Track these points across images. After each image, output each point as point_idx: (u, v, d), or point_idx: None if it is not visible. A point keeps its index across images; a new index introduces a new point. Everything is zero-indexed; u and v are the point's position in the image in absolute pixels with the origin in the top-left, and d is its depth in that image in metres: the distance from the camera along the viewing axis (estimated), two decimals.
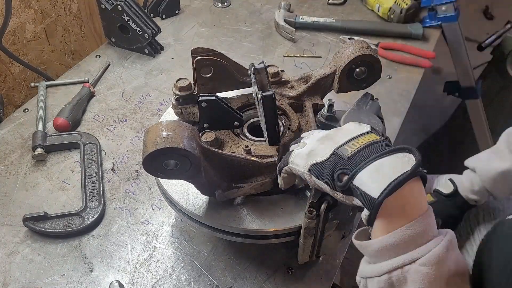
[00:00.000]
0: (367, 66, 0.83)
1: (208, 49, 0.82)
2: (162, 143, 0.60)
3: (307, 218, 0.67)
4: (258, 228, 0.74)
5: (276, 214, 0.75)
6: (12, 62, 1.26)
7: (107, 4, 1.27)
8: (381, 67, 0.84)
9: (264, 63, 0.71)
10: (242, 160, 0.72)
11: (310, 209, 0.67)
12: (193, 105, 0.85)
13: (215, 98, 0.75)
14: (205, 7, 1.59)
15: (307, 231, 0.70)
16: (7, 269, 0.84)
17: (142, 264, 0.85)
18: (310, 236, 0.71)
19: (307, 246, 0.74)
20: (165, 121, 0.64)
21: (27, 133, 1.09)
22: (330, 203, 0.67)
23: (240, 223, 0.74)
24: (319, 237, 0.72)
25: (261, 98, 0.69)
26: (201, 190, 0.73)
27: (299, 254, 0.76)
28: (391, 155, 0.55)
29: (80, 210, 0.91)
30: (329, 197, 0.67)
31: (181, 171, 0.65)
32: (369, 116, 0.80)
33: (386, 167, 0.54)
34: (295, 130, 0.80)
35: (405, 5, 1.45)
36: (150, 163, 0.62)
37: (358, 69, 0.83)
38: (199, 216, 0.75)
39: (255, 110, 0.86)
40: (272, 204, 0.77)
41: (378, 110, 0.83)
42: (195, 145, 0.63)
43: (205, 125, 0.78)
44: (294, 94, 0.87)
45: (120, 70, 1.31)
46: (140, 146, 1.08)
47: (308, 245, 0.73)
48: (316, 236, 0.72)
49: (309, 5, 1.61)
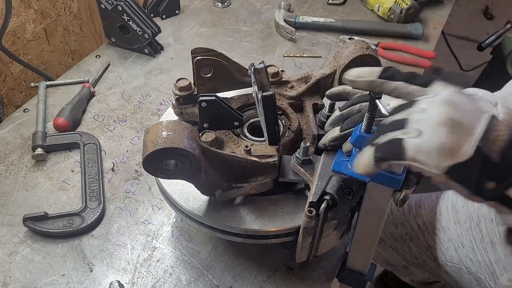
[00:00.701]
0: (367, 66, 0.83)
1: (208, 49, 0.82)
2: (162, 143, 0.60)
3: (306, 217, 0.67)
4: (258, 228, 0.74)
5: (276, 214, 0.75)
6: (12, 62, 1.26)
7: (107, 4, 1.27)
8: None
9: (264, 63, 0.71)
10: (242, 160, 0.72)
11: (309, 208, 0.67)
12: (193, 105, 0.85)
13: (215, 98, 0.75)
14: (205, 7, 1.60)
15: (306, 230, 0.70)
16: (7, 269, 0.84)
17: (142, 264, 0.85)
18: (309, 235, 0.71)
19: (306, 246, 0.74)
20: (165, 121, 0.64)
21: (27, 133, 1.10)
22: (330, 203, 0.67)
23: (240, 223, 0.74)
24: (317, 237, 0.72)
25: (261, 98, 0.69)
26: (201, 190, 0.73)
27: (297, 253, 0.77)
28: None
29: (80, 210, 0.91)
30: (328, 197, 0.67)
31: (181, 171, 0.65)
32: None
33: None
34: (295, 130, 0.80)
35: (405, 5, 1.45)
36: (150, 163, 0.62)
37: None
38: (199, 216, 0.75)
39: (255, 110, 0.86)
40: (272, 204, 0.77)
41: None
42: (195, 145, 0.63)
43: (205, 125, 0.78)
44: (294, 94, 0.87)
45: (120, 70, 1.31)
46: (140, 146, 1.08)
47: (307, 244, 0.73)
48: (314, 235, 0.72)
49: (309, 5, 1.61)
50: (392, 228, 1.18)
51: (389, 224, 1.18)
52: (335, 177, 0.69)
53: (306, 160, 0.73)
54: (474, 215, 1.04)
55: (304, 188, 0.78)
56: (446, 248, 1.07)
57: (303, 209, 0.69)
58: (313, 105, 0.86)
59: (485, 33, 2.27)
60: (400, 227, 1.17)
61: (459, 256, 1.05)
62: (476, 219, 1.03)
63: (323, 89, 0.88)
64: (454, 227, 1.07)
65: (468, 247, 1.03)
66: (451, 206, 1.09)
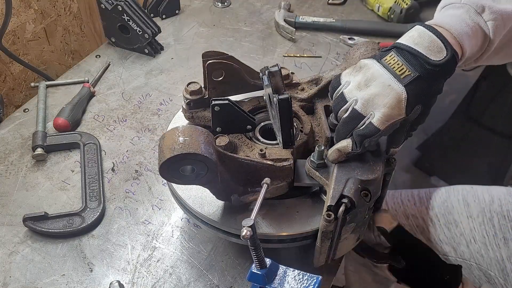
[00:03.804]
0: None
1: (219, 52, 0.81)
2: (179, 149, 0.60)
3: (325, 221, 0.66)
4: (274, 233, 0.73)
5: (292, 218, 0.75)
6: (12, 62, 1.26)
7: (107, 4, 1.27)
8: None
9: (278, 66, 0.70)
10: (258, 164, 0.72)
11: (328, 212, 0.66)
12: (204, 109, 0.84)
13: (228, 102, 0.75)
14: (205, 7, 1.60)
15: (324, 234, 0.69)
16: (7, 269, 0.84)
17: (142, 264, 0.85)
18: (327, 239, 0.70)
19: (324, 250, 0.73)
20: (181, 126, 0.63)
21: (27, 133, 1.09)
22: (348, 206, 0.67)
23: (257, 228, 0.73)
24: (335, 240, 0.72)
25: (277, 101, 0.68)
26: (217, 195, 0.73)
27: (315, 258, 0.76)
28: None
29: (80, 210, 0.91)
30: (346, 200, 0.67)
31: (198, 176, 0.64)
32: None
33: None
34: (307, 133, 0.79)
35: (405, 5, 1.45)
36: (167, 169, 0.62)
37: None
38: (215, 221, 0.75)
39: (266, 113, 0.85)
40: (288, 208, 0.76)
41: None
42: (211, 150, 0.63)
43: (218, 129, 0.78)
44: (305, 96, 0.86)
45: (120, 70, 1.31)
46: (140, 146, 1.08)
47: (325, 248, 0.73)
48: (333, 239, 0.71)
49: (309, 5, 1.61)
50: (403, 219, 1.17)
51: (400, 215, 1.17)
52: (352, 179, 0.69)
53: (321, 164, 0.73)
54: (487, 210, 1.04)
55: (319, 191, 0.77)
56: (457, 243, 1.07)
57: (319, 213, 0.68)
58: (324, 107, 0.85)
59: None
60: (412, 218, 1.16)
61: (470, 252, 1.05)
62: (489, 214, 1.03)
63: None
64: (467, 221, 1.06)
65: (480, 242, 1.03)
66: (463, 200, 1.09)
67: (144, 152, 1.07)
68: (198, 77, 0.89)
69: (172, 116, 0.96)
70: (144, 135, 1.11)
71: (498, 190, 1.08)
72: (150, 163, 1.04)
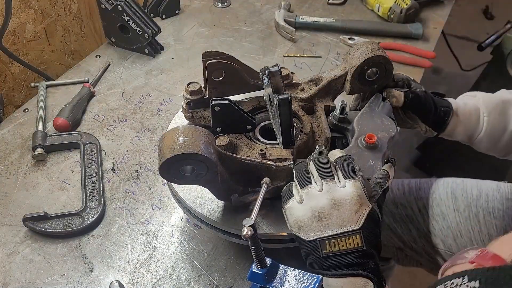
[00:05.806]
0: (379, 67, 0.83)
1: (219, 52, 0.81)
2: (179, 149, 0.60)
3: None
4: (274, 233, 0.73)
5: None
6: (12, 62, 1.26)
7: (107, 4, 1.27)
8: (393, 68, 0.83)
9: (278, 66, 0.70)
10: (258, 164, 0.72)
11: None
12: (204, 109, 0.84)
13: (228, 102, 0.75)
14: (205, 7, 1.60)
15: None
16: (7, 269, 0.84)
17: (142, 264, 0.85)
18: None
19: None
20: (181, 126, 0.63)
21: (27, 133, 1.09)
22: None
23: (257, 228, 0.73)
24: None
25: (277, 101, 0.68)
26: (217, 195, 0.73)
27: None
28: (353, 278, 0.62)
29: (80, 210, 0.91)
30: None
31: (198, 176, 0.64)
32: (381, 117, 0.80)
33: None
34: (307, 133, 0.79)
35: (405, 5, 1.45)
36: (167, 169, 0.62)
37: (369, 71, 0.82)
38: (215, 221, 0.75)
39: (265, 113, 0.85)
40: None
41: (390, 111, 0.83)
42: (211, 150, 0.63)
43: (218, 129, 0.77)
44: (305, 96, 0.86)
45: (120, 70, 1.31)
46: (140, 146, 1.08)
47: None
48: None
49: (309, 5, 1.61)
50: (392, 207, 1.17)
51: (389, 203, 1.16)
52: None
53: None
54: (473, 205, 1.03)
55: None
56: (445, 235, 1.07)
57: None
58: (324, 107, 0.85)
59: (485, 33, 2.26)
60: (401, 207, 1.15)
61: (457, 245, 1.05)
62: (475, 209, 1.03)
63: (334, 91, 0.87)
64: (453, 214, 1.06)
65: (466, 237, 1.03)
66: (451, 192, 1.09)
67: (144, 152, 1.07)
68: (198, 77, 0.89)
69: (172, 116, 0.96)
70: (144, 135, 1.11)
71: (488, 185, 1.08)
72: (150, 163, 1.04)
